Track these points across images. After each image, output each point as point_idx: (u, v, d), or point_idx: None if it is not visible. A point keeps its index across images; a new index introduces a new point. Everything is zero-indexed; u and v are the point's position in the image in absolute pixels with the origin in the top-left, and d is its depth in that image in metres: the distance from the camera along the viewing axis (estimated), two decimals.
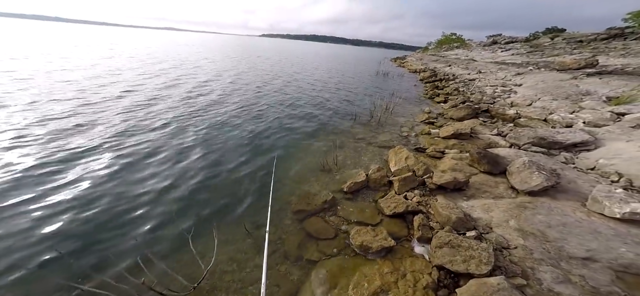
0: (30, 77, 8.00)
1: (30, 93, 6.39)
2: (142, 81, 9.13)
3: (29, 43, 18.35)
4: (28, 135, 4.23)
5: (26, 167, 3.39)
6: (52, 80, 7.90)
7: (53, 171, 3.39)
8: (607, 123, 4.95)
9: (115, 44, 24.15)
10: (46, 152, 3.78)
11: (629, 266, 1.87)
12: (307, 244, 2.57)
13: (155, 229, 2.66)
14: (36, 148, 3.87)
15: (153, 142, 4.49)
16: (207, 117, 6.12)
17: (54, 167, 3.46)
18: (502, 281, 1.74)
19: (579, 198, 2.79)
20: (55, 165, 3.51)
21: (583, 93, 7.29)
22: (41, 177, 3.25)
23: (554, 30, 26.88)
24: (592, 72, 9.75)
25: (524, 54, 19.11)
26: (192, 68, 13.80)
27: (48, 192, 3.00)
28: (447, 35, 45.82)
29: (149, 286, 1.87)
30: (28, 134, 4.27)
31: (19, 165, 3.40)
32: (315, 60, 26.84)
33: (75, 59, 12.66)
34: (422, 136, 5.75)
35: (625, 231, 2.18)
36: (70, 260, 2.19)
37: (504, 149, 4.44)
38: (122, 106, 6.15)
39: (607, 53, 13.26)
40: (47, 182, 3.16)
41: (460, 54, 27.97)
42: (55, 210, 2.75)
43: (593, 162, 3.65)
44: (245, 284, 2.15)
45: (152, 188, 3.26)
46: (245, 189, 3.46)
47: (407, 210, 2.86)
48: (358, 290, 1.98)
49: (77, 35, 32.80)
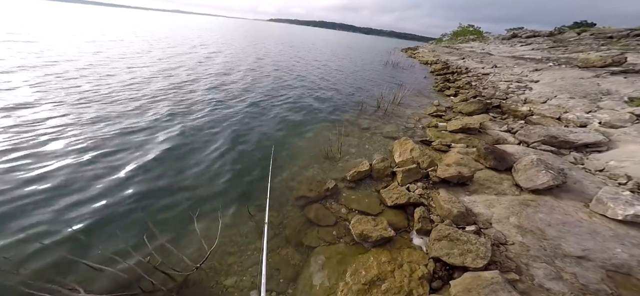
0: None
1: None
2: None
3: (52, 24, 18.51)
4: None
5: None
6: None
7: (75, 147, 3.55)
8: (624, 124, 4.76)
9: (138, 27, 24.12)
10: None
11: (621, 266, 1.88)
12: (308, 230, 2.65)
13: (162, 209, 2.77)
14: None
15: (164, 124, 4.62)
16: (222, 101, 6.19)
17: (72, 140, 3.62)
18: (495, 275, 1.78)
19: (583, 198, 2.75)
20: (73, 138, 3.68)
21: (603, 93, 6.96)
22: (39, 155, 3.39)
23: (582, 24, 25.14)
24: (617, 71, 9.22)
25: (545, 49, 18.12)
26: (219, 53, 13.74)
27: (63, 169, 3.16)
28: (464, 27, 43.78)
29: (154, 265, 1.96)
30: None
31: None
32: (325, 48, 26.27)
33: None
34: (429, 129, 5.68)
35: (624, 233, 2.17)
36: (77, 235, 2.26)
37: (513, 146, 4.35)
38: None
39: (638, 50, 12.43)
40: (62, 158, 3.33)
41: (476, 46, 26.79)
42: (69, 187, 2.90)
43: (603, 163, 3.55)
44: (246, 266, 2.23)
45: (160, 170, 3.38)
46: (250, 173, 3.55)
47: (408, 201, 2.90)
48: (355, 277, 2.06)
49: (91, 17, 32.77)
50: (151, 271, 1.99)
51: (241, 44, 20.38)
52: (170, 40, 17.18)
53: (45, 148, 3.47)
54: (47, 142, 3.60)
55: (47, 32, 13.76)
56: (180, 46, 14.95)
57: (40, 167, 3.10)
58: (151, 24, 30.78)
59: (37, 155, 3.29)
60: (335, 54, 21.87)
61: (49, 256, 2.13)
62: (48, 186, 2.85)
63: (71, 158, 3.34)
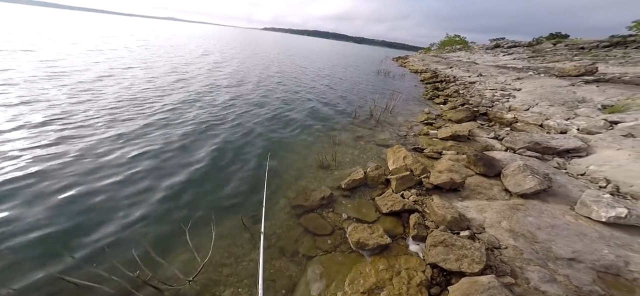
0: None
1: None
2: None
3: (57, 31, 17.79)
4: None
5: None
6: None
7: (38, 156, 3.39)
8: (600, 131, 5.05)
9: (134, 34, 23.61)
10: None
11: (610, 267, 1.96)
12: (304, 239, 2.62)
13: (151, 222, 2.66)
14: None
15: (154, 134, 4.50)
16: (209, 109, 6.11)
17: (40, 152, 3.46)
18: (492, 279, 1.81)
19: (568, 202, 2.88)
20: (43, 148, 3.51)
21: (579, 101, 7.40)
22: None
23: (557, 35, 26.93)
24: (590, 80, 9.87)
25: (526, 58, 19.21)
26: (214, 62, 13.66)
27: (37, 181, 3.00)
28: (451, 37, 45.76)
29: (143, 279, 1.87)
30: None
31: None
32: (318, 58, 26.62)
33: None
34: (421, 136, 5.82)
35: (609, 234, 2.28)
36: (60, 251, 2.13)
37: (500, 152, 4.52)
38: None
39: (607, 61, 13.38)
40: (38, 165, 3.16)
41: (462, 56, 28.02)
42: (46, 201, 2.74)
43: (584, 168, 3.75)
44: (241, 278, 2.17)
45: (149, 181, 3.27)
46: (244, 183, 3.49)
47: (403, 208, 2.92)
48: (354, 286, 2.04)
49: (86, 23, 31.72)
50: (141, 286, 1.89)
51: (241, 54, 20.35)
52: (169, 50, 16.93)
53: (11, 152, 3.29)
54: (21, 150, 3.42)
55: (44, 40, 13.23)
56: (175, 58, 14.76)
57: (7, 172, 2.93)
58: (148, 33, 29.95)
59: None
60: (328, 63, 22.21)
61: (30, 275, 1.99)
62: (19, 201, 2.67)
63: (49, 166, 3.18)
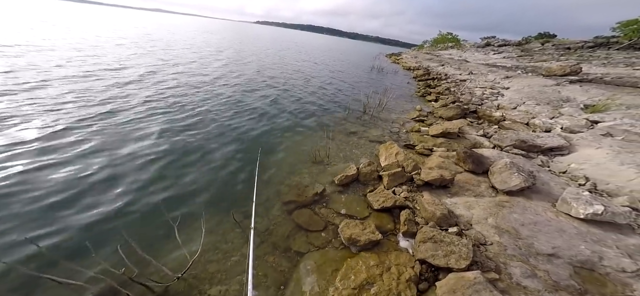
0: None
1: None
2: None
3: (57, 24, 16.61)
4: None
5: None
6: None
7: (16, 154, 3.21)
8: (581, 130, 5.27)
9: (134, 27, 22.39)
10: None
11: (585, 262, 2.07)
12: (296, 235, 2.62)
13: (138, 218, 2.59)
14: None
15: (145, 128, 4.34)
16: (201, 102, 5.94)
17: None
18: (477, 275, 1.88)
19: (550, 199, 3.00)
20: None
21: (564, 100, 7.68)
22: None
23: (545, 35, 27.62)
24: (574, 80, 10.24)
25: (515, 57, 19.66)
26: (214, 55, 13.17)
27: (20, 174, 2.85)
28: (443, 35, 46.17)
29: (129, 276, 1.82)
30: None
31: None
32: (313, 53, 26.29)
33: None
34: (413, 133, 5.89)
35: (586, 231, 2.40)
36: (41, 249, 2.02)
37: (488, 150, 4.64)
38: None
39: (591, 61, 13.89)
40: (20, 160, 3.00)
41: (454, 54, 28.37)
42: (26, 194, 2.63)
43: (565, 166, 3.91)
44: (232, 274, 2.15)
45: (135, 175, 3.17)
46: (235, 178, 3.44)
47: (394, 204, 2.97)
48: (345, 282, 2.07)
49: (76, 15, 29.56)
50: (127, 283, 1.85)
51: (238, 47, 19.75)
52: (163, 42, 16.20)
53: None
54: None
55: (38, 31, 12.35)
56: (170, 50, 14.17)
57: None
58: (136, 24, 28.35)
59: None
60: (323, 58, 21.98)
61: (8, 275, 1.90)
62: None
63: (29, 162, 3.02)
